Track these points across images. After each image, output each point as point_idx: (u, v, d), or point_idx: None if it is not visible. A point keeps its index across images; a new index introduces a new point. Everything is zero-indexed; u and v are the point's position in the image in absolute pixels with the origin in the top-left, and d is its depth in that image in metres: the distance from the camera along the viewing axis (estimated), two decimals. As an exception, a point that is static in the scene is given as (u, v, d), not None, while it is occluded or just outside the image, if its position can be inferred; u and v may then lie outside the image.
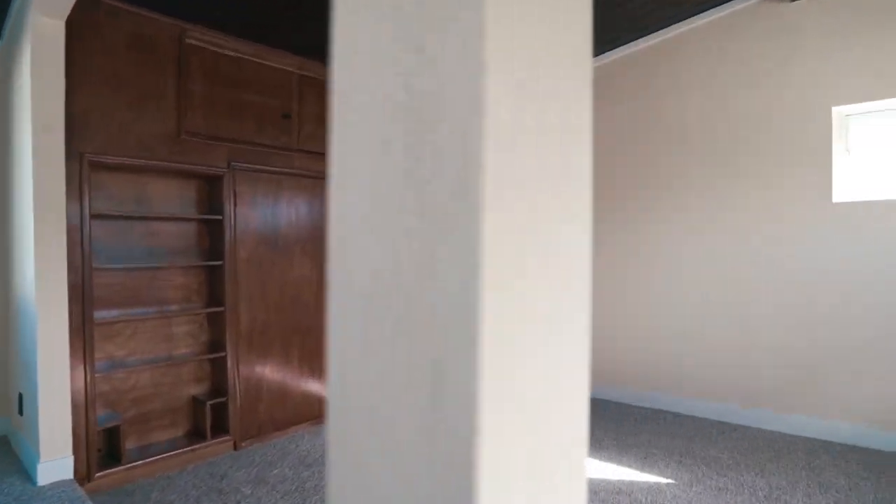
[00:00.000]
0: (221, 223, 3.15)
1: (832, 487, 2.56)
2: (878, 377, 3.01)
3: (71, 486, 2.36)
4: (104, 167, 2.76)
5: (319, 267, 3.67)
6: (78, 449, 2.52)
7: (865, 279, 3.06)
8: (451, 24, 0.40)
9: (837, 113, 3.18)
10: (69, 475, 2.43)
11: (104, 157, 2.67)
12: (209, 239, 3.26)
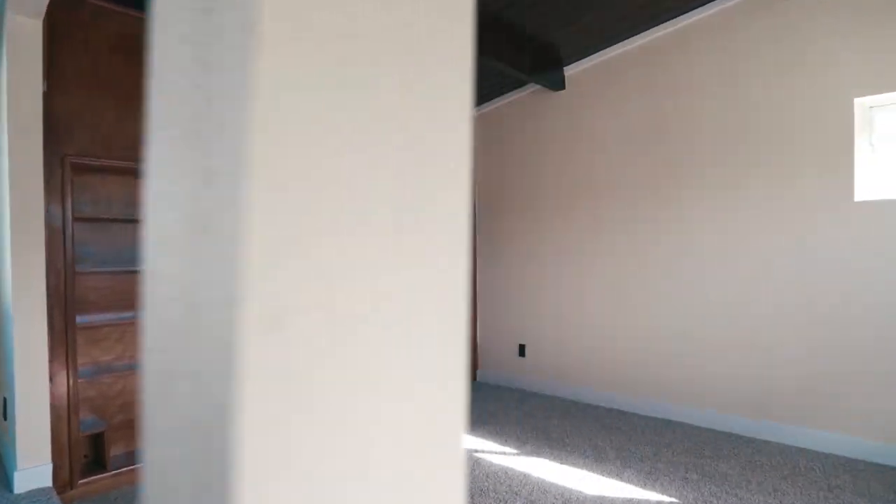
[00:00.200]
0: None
1: (852, 511, 2.36)
2: (905, 390, 2.78)
3: (48, 494, 2.32)
4: (89, 169, 2.72)
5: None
6: (61, 455, 2.48)
7: (894, 284, 2.82)
8: None
9: (860, 104, 2.95)
10: (48, 483, 2.39)
11: (89, 159, 2.63)
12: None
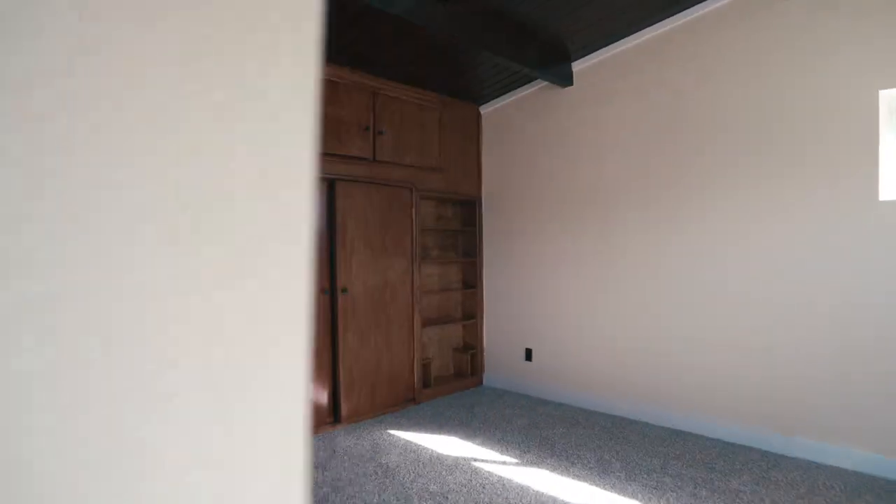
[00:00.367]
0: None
1: (870, 535, 2.19)
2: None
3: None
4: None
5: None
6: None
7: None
8: None
9: (886, 97, 2.75)
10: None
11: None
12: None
